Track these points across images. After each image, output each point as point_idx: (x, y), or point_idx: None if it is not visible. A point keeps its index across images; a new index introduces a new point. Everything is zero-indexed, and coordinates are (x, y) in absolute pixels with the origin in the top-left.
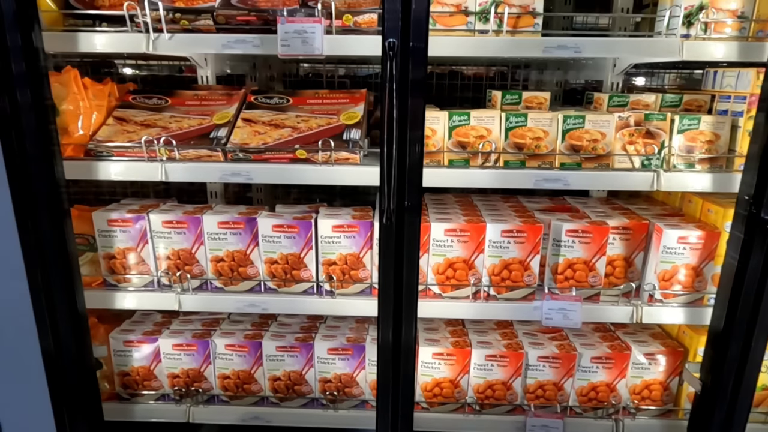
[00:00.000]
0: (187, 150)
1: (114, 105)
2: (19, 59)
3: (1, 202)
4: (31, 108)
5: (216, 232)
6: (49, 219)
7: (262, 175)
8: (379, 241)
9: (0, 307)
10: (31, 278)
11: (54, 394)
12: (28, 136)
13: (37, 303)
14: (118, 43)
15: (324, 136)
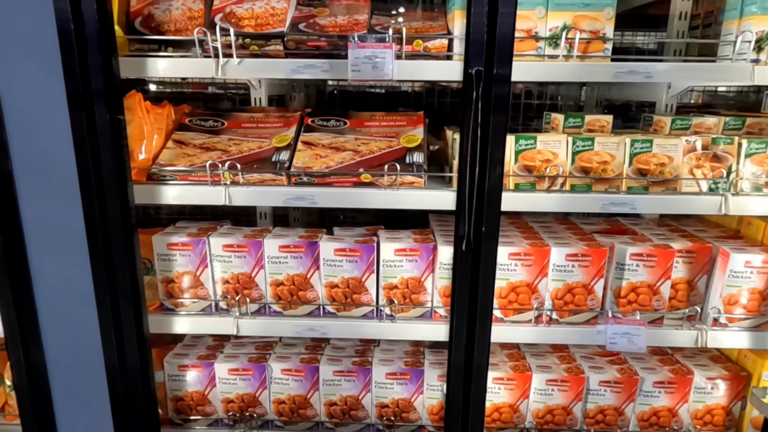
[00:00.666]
0: (252, 174)
1: (172, 128)
2: (99, 78)
3: (73, 222)
4: (108, 128)
5: (276, 256)
6: (122, 244)
7: (326, 199)
8: (453, 265)
9: (68, 331)
10: (100, 303)
11: (117, 420)
12: (103, 156)
13: (105, 327)
14: (187, 68)
15: (386, 159)
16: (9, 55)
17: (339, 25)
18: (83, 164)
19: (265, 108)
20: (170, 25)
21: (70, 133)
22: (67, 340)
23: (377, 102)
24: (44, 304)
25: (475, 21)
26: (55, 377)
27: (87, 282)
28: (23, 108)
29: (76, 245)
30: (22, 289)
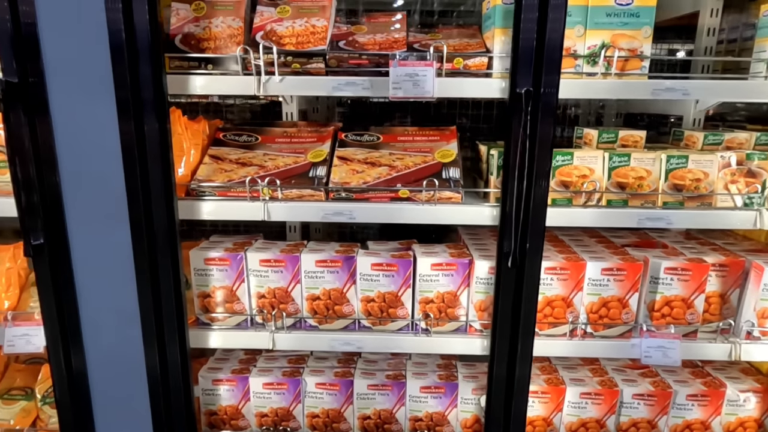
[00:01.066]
0: (290, 189)
1: (207, 143)
2: (149, 90)
3: (120, 238)
4: (157, 142)
5: (313, 271)
6: (167, 260)
7: (364, 214)
8: (497, 281)
9: (111, 345)
10: (145, 319)
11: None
12: (152, 171)
13: (149, 342)
14: (228, 85)
15: (423, 174)
16: (60, 69)
17: (378, 43)
18: (131, 179)
19: (297, 123)
20: (210, 42)
21: (118, 147)
22: (110, 355)
23: (399, 113)
24: (88, 319)
25: (524, 43)
26: (97, 390)
27: (132, 298)
28: (73, 123)
29: (122, 261)
30: (68, 304)
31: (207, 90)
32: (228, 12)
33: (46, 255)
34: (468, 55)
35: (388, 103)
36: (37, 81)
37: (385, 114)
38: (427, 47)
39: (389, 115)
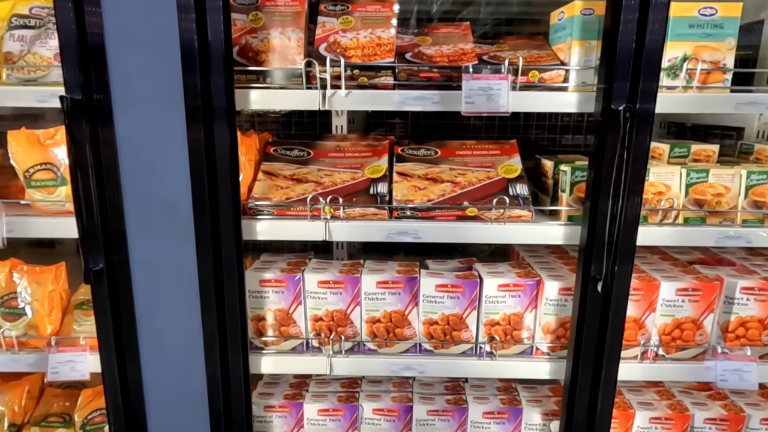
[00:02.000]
0: (353, 208)
1: (259, 158)
2: (221, 99)
3: (184, 261)
4: (227, 157)
5: (374, 292)
6: (233, 284)
7: (430, 233)
8: (581, 306)
9: (171, 375)
10: (208, 346)
11: None
12: (221, 187)
13: (212, 370)
14: (291, 99)
15: (489, 191)
16: (127, 82)
17: (446, 55)
18: (199, 195)
19: (347, 136)
20: (268, 54)
21: (186, 163)
22: (169, 382)
23: (442, 124)
24: (148, 346)
25: (621, 56)
26: (154, 419)
27: (195, 322)
28: (138, 138)
29: (186, 284)
30: (126, 330)
31: (266, 105)
32: (287, 23)
33: (105, 282)
34: (544, 68)
35: (426, 114)
36: (103, 97)
37: (431, 125)
38: (497, 59)
39: (437, 126)
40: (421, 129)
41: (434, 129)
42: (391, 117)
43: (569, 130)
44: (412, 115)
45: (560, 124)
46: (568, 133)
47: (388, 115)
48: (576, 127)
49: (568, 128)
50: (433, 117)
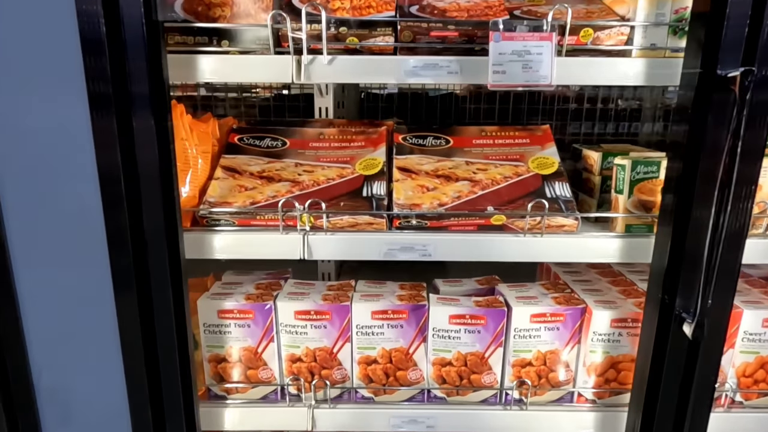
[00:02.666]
0: (341, 216)
1: (218, 149)
2: (141, 83)
3: (98, 295)
4: (153, 153)
5: (369, 325)
6: (169, 322)
7: (443, 249)
8: (663, 348)
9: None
10: (136, 414)
11: None
12: (146, 199)
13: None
14: (254, 69)
15: (518, 192)
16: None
17: (465, 9)
18: (114, 213)
19: (334, 121)
20: (225, 9)
21: (94, 166)
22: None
23: (444, 107)
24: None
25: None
26: None
27: (116, 385)
28: (19, 131)
29: (103, 333)
30: (18, 393)
31: (222, 76)
32: None
33: None
34: (601, 25)
35: (427, 96)
36: None
37: (421, 107)
38: (532, 16)
39: (428, 109)
40: (440, 114)
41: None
42: (388, 101)
43: (605, 117)
44: (413, 99)
45: (585, 107)
46: (602, 119)
47: (385, 99)
48: (614, 114)
49: (599, 114)
50: (439, 102)
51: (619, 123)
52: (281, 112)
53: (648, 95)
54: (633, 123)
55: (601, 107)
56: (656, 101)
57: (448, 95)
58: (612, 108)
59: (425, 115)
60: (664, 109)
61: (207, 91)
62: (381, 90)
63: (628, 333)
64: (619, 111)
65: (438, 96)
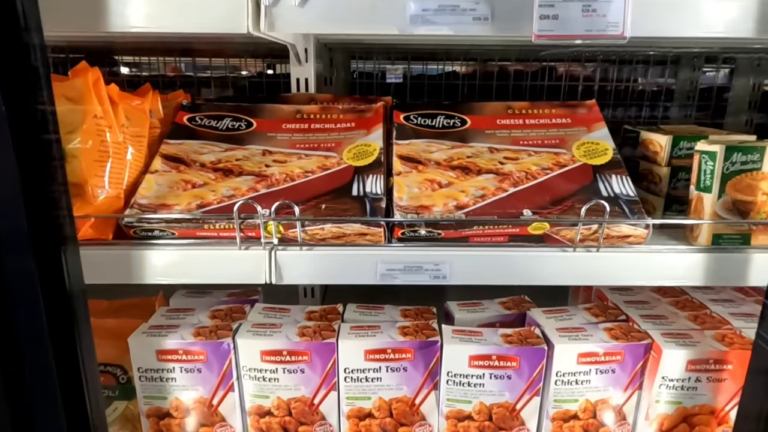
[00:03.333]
0: (321, 225)
1: (161, 133)
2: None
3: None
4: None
5: (361, 369)
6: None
7: (463, 269)
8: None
9: None
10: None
11: None
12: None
13: None
14: (193, 14)
15: (561, 190)
16: None
17: None
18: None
19: (316, 96)
20: None
21: None
22: None
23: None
24: None
25: None
26: None
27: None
28: None
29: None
30: None
31: (151, 21)
32: None
33: None
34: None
35: (432, 78)
36: None
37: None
38: None
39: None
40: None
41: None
42: (381, 77)
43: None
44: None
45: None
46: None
47: (380, 79)
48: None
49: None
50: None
51: (655, 105)
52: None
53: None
54: (667, 105)
55: (632, 86)
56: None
57: (448, 75)
58: (643, 87)
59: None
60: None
61: (173, 71)
62: (375, 64)
63: (708, 378)
64: (653, 92)
65: (442, 74)
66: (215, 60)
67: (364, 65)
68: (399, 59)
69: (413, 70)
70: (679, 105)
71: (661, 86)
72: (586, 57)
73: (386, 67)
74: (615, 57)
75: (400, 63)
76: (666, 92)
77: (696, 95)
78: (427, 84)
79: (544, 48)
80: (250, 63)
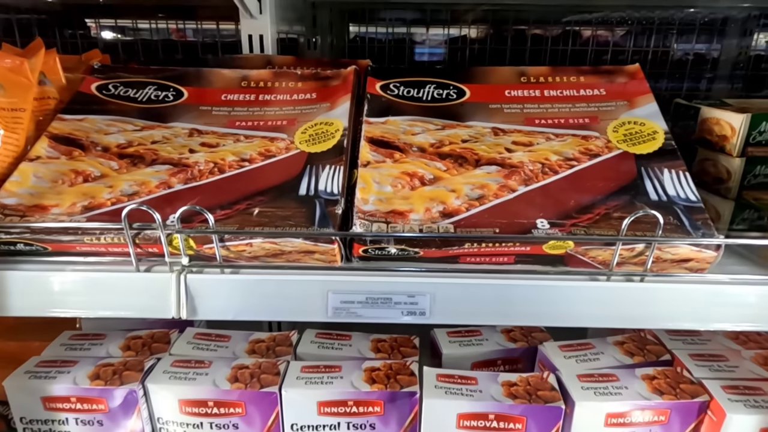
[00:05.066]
0: (251, 239)
1: (54, 108)
2: None
3: None
4: None
5: (314, 425)
6: None
7: (449, 302)
8: None
9: None
10: None
11: None
12: None
13: None
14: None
15: (595, 189)
16: None
17: None
18: None
19: (273, 58)
20: None
21: None
22: None
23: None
24: None
25: None
26: None
27: None
28: None
29: None
30: None
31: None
32: None
33: None
34: None
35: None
36: None
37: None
38: None
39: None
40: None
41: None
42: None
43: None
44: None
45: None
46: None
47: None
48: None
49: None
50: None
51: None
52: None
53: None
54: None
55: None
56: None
57: (456, 40)
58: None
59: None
60: None
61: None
62: (359, 27)
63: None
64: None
65: (447, 40)
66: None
67: (358, 29)
68: (397, 21)
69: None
70: (726, 75)
71: (705, 54)
72: (615, 21)
73: (383, 33)
74: (648, 21)
75: (399, 26)
76: (711, 61)
77: (750, 64)
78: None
79: (568, 8)
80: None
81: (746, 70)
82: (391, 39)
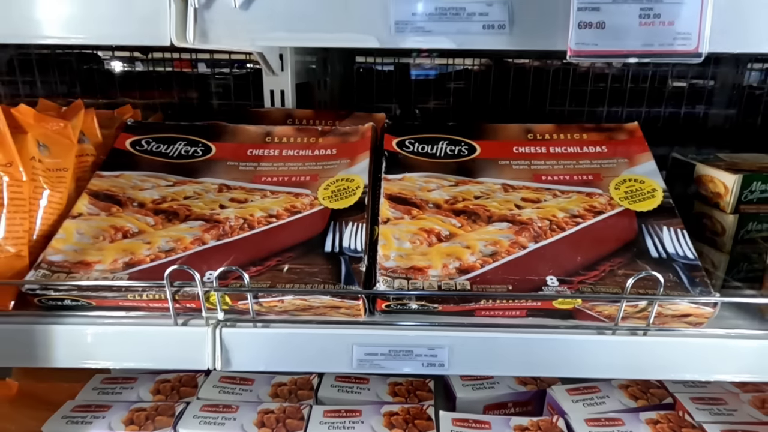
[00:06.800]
0: (282, 297)
1: (92, 163)
2: None
3: None
4: None
5: None
6: None
7: (467, 354)
8: None
9: None
10: None
11: None
12: None
13: None
14: (106, 21)
15: (599, 246)
16: None
17: None
18: None
19: (293, 112)
20: None
21: None
22: None
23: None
24: None
25: None
26: None
27: None
28: None
29: None
30: None
31: (61, 30)
32: None
33: None
34: None
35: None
36: None
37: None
38: None
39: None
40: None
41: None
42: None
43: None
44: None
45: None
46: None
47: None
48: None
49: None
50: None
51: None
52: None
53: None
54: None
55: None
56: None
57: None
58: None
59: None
60: None
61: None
62: (376, 59)
63: None
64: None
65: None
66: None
67: (365, 59)
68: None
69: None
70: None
71: (699, 86)
72: None
73: (387, 64)
74: None
75: (404, 58)
76: (707, 93)
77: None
78: (434, 83)
79: None
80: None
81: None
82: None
